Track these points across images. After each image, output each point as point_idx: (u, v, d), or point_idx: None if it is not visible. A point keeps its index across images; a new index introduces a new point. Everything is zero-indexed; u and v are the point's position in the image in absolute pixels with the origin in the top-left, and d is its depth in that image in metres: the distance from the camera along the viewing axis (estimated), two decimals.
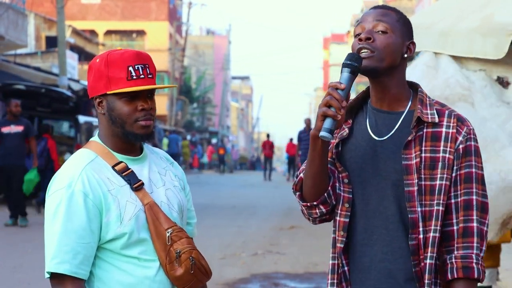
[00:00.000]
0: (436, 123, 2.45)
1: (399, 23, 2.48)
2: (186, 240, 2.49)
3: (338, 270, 2.53)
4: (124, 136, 2.50)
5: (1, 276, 8.32)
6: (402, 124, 2.47)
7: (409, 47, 2.51)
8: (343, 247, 2.51)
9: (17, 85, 16.23)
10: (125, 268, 2.44)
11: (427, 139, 2.44)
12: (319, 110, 2.33)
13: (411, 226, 2.41)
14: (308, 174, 2.47)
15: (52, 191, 2.43)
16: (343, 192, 2.50)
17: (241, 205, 17.83)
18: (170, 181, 2.60)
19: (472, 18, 4.35)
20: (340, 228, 2.51)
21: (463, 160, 2.44)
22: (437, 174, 2.42)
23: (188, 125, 50.97)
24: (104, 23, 46.88)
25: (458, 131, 2.45)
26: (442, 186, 2.42)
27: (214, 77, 65.25)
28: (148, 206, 2.46)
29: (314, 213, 2.54)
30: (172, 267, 2.45)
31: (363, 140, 2.50)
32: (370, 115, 2.53)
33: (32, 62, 24.71)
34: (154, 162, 2.60)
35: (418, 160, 2.42)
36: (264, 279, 8.45)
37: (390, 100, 2.49)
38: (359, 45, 2.44)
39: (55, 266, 2.35)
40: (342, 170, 2.50)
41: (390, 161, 2.44)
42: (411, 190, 2.41)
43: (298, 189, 2.53)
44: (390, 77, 2.47)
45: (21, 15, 20.26)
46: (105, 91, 2.47)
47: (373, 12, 2.50)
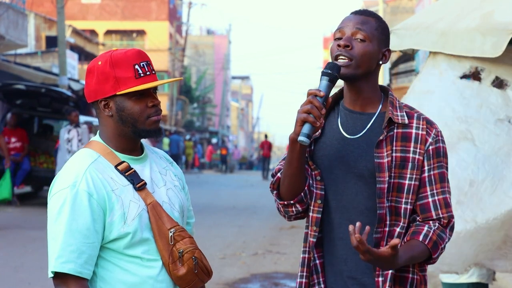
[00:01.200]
0: (406, 125, 2.59)
1: (377, 31, 2.60)
2: (188, 239, 2.50)
3: (309, 264, 2.64)
4: (135, 135, 2.49)
5: (2, 275, 8.32)
6: (373, 124, 2.60)
7: (384, 54, 2.63)
8: (315, 241, 2.62)
9: (17, 85, 16.20)
10: (128, 268, 2.44)
11: (397, 139, 2.57)
12: (299, 116, 2.45)
13: (378, 220, 2.54)
14: (285, 175, 2.58)
15: (56, 191, 2.42)
16: (316, 189, 2.62)
17: (241, 205, 17.83)
18: (171, 181, 2.61)
19: (471, 17, 4.35)
20: (312, 224, 2.63)
21: (435, 161, 2.58)
22: (406, 173, 2.56)
23: (188, 125, 50.96)
24: (104, 23, 46.87)
25: (428, 133, 2.59)
26: (411, 186, 2.56)
27: (214, 77, 65.22)
28: (151, 205, 2.46)
29: (291, 211, 2.65)
30: (175, 267, 2.46)
31: (335, 139, 2.63)
32: (341, 115, 2.65)
33: (32, 62, 24.70)
34: (155, 161, 2.60)
35: (390, 159, 2.54)
36: (264, 279, 8.46)
37: (363, 102, 2.63)
38: (337, 51, 2.57)
39: (60, 265, 2.35)
40: (314, 168, 2.62)
41: (362, 159, 2.57)
42: (382, 187, 2.54)
43: (276, 188, 2.65)
44: (365, 82, 2.60)
45: (21, 15, 20.26)
46: (114, 92, 2.45)
47: (353, 19, 2.61)
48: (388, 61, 2.66)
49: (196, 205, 16.73)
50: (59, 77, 20.15)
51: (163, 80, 2.49)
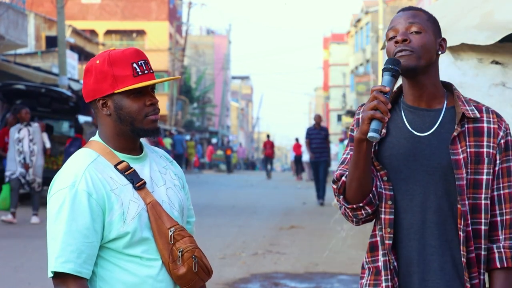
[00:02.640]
0: (476, 119, 2.55)
1: (429, 22, 2.58)
2: (188, 239, 2.49)
3: (390, 266, 2.57)
4: (133, 134, 2.49)
5: (2, 275, 8.32)
6: (443, 120, 2.56)
7: (441, 44, 2.61)
8: (391, 243, 2.56)
9: (17, 85, 16.21)
10: (127, 268, 2.44)
11: (469, 134, 2.54)
12: (365, 114, 2.40)
13: (463, 218, 2.49)
14: (352, 177, 2.52)
15: (55, 191, 2.42)
16: (384, 190, 2.56)
17: (241, 205, 17.82)
18: (171, 180, 2.60)
19: (471, 16, 4.36)
20: (386, 226, 2.56)
21: (504, 155, 2.56)
22: (483, 168, 2.53)
23: (188, 125, 50.96)
24: (104, 23, 46.86)
25: (499, 126, 2.56)
26: (489, 181, 2.53)
27: (214, 77, 65.23)
28: (150, 205, 2.46)
29: (360, 214, 2.58)
30: (175, 266, 2.45)
31: (403, 138, 2.57)
32: (406, 113, 2.60)
33: (32, 62, 24.69)
34: (155, 161, 2.60)
35: (465, 155, 2.51)
36: (264, 279, 8.45)
37: (428, 97, 2.58)
38: (396, 48, 2.53)
39: (60, 265, 2.35)
40: (381, 169, 2.57)
41: (435, 156, 2.52)
42: (461, 184, 2.50)
43: (342, 193, 2.58)
44: (427, 75, 2.56)
45: (21, 15, 20.26)
46: (112, 90, 2.45)
47: (403, 15, 2.59)
48: (445, 50, 2.63)
49: (196, 205, 16.70)
50: (59, 77, 20.15)
51: (162, 79, 2.50)
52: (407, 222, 2.55)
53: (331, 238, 11.26)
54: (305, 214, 15.69)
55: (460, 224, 2.50)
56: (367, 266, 2.65)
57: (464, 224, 2.50)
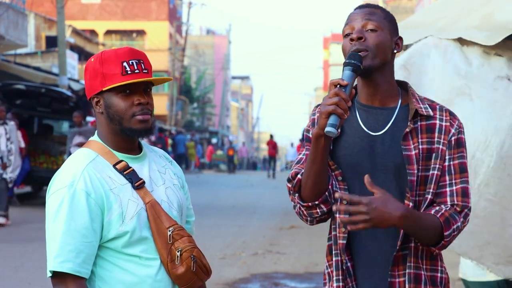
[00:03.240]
0: (429, 116, 2.54)
1: (386, 20, 2.56)
2: (187, 238, 2.50)
3: (342, 266, 2.55)
4: (122, 133, 2.49)
5: (2, 275, 8.32)
6: (396, 118, 2.55)
7: (397, 42, 2.60)
8: (345, 243, 2.54)
9: (17, 85, 16.21)
10: (126, 267, 2.44)
11: (422, 131, 2.53)
12: (325, 108, 2.37)
13: None
14: (309, 174, 2.49)
15: (54, 190, 2.43)
16: (339, 190, 2.55)
17: (241, 205, 17.83)
18: (170, 180, 2.61)
19: (471, 18, 4.36)
20: (340, 225, 2.55)
21: (455, 151, 2.54)
22: (430, 164, 2.51)
23: (188, 125, 50.94)
24: (104, 23, 46.85)
25: (451, 124, 2.55)
26: (434, 176, 2.52)
27: (214, 77, 65.22)
28: (149, 204, 2.46)
29: (315, 213, 2.56)
30: (173, 266, 2.46)
31: (358, 137, 2.56)
32: (360, 112, 2.59)
33: (32, 62, 24.69)
34: (154, 160, 2.60)
35: (417, 151, 2.50)
36: (264, 279, 8.45)
37: (382, 96, 2.57)
38: (352, 46, 2.51)
39: (59, 265, 2.35)
40: (335, 168, 2.56)
41: (389, 154, 2.51)
42: (412, 179, 2.49)
43: (297, 190, 2.56)
44: (381, 74, 2.55)
45: (21, 15, 20.26)
46: (101, 88, 2.47)
47: (360, 12, 2.57)
48: (401, 49, 2.61)
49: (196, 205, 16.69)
50: (59, 77, 20.14)
51: (148, 78, 2.48)
52: None
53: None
54: None
55: None
56: (327, 271, 2.63)
57: None
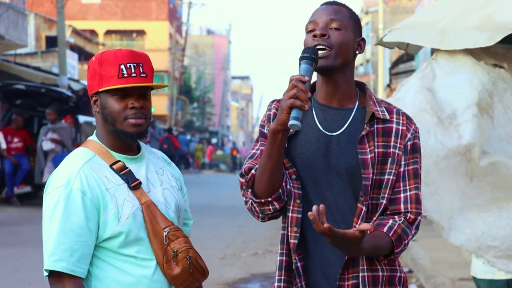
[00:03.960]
0: (386, 120, 2.52)
1: (351, 20, 2.54)
2: (183, 239, 2.50)
3: (288, 267, 2.53)
4: (116, 134, 2.50)
5: (2, 275, 8.32)
6: (353, 120, 2.52)
7: (359, 43, 2.57)
8: (296, 243, 2.52)
9: (17, 85, 16.21)
10: (123, 268, 2.44)
11: (378, 134, 2.50)
12: (284, 103, 2.34)
13: (361, 218, 2.46)
14: (264, 170, 2.45)
15: (50, 189, 2.43)
16: (293, 188, 2.52)
17: (241, 205, 17.75)
18: (168, 181, 2.61)
19: (471, 18, 4.36)
20: (292, 224, 2.53)
21: (411, 157, 2.53)
22: (386, 169, 2.49)
23: (188, 125, 50.95)
24: (104, 23, 46.86)
25: (408, 128, 2.53)
26: (389, 181, 2.50)
27: (214, 77, 65.22)
28: (145, 205, 2.46)
29: (267, 210, 2.53)
30: (169, 266, 2.46)
31: (313, 136, 2.53)
32: (317, 111, 2.56)
33: (32, 62, 24.67)
34: (152, 161, 2.60)
35: (373, 155, 2.47)
36: (264, 279, 8.45)
37: (340, 96, 2.54)
38: (314, 42, 2.48)
39: (53, 264, 2.36)
40: (290, 166, 2.52)
41: (344, 156, 2.49)
42: (367, 184, 2.46)
43: (250, 186, 2.51)
44: (342, 74, 2.52)
45: (21, 15, 20.25)
46: (97, 88, 2.49)
47: (325, 9, 2.54)
48: (363, 51, 2.59)
49: (196, 205, 16.76)
50: (59, 77, 20.13)
51: (144, 83, 2.47)
52: None
53: None
54: None
55: (356, 223, 2.46)
56: (278, 259, 2.61)
57: (360, 223, 2.45)
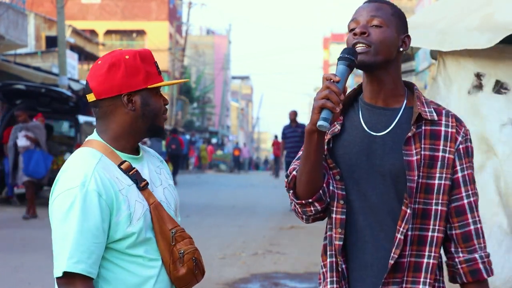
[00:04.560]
0: (434, 121, 2.45)
1: (393, 17, 2.47)
2: (188, 240, 2.50)
3: (337, 268, 2.48)
4: (149, 131, 2.52)
5: (2, 275, 8.32)
6: (400, 120, 2.46)
7: (404, 40, 2.50)
8: (341, 244, 2.47)
9: (17, 85, 16.20)
10: (130, 268, 2.43)
11: (426, 136, 2.43)
12: (316, 103, 2.30)
13: (405, 221, 2.40)
14: (302, 171, 2.42)
15: (63, 190, 2.37)
16: (337, 189, 2.47)
17: (241, 205, 17.82)
18: (166, 180, 2.61)
19: (471, 18, 4.36)
20: (337, 226, 2.47)
21: (467, 161, 2.46)
22: (435, 173, 2.42)
23: (188, 125, 50.96)
24: (104, 23, 46.86)
25: (457, 131, 2.46)
26: (442, 186, 2.43)
27: (214, 77, 65.22)
28: (153, 205, 2.45)
29: (309, 211, 2.48)
30: (175, 267, 2.45)
31: (358, 137, 2.48)
32: (363, 111, 2.51)
33: (32, 62, 24.68)
34: (150, 161, 2.60)
35: (418, 157, 2.41)
36: (264, 279, 8.45)
37: (386, 95, 2.48)
38: (354, 40, 2.43)
39: (73, 265, 2.31)
40: (334, 167, 2.47)
41: (388, 157, 2.43)
42: (411, 186, 2.40)
43: (292, 187, 2.49)
44: (386, 72, 2.46)
45: (21, 15, 20.25)
46: (145, 85, 2.45)
47: (367, 7, 2.49)
48: (408, 48, 2.52)
49: (196, 205, 16.77)
50: (59, 77, 20.14)
51: (179, 80, 2.58)
52: (360, 224, 2.46)
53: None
54: None
55: (400, 226, 2.40)
56: (321, 271, 2.55)
57: (404, 227, 2.39)
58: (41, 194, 17.89)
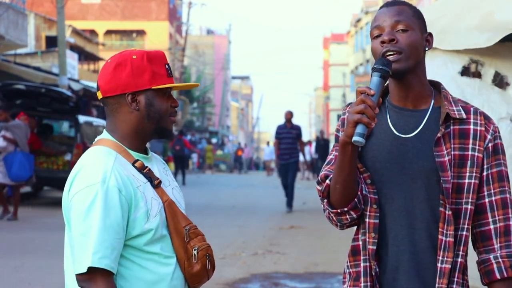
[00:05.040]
0: (463, 120, 2.43)
1: (415, 18, 2.45)
2: (202, 237, 2.54)
3: (371, 272, 2.46)
4: (154, 132, 2.52)
5: (2, 275, 8.32)
6: (428, 121, 2.44)
7: (427, 39, 2.49)
8: (375, 248, 2.45)
9: (17, 85, 16.21)
10: (146, 266, 2.45)
11: (455, 136, 2.42)
12: (351, 117, 2.27)
13: (447, 223, 2.38)
14: (337, 181, 2.40)
15: (83, 186, 2.37)
16: (369, 193, 2.45)
17: (241, 205, 17.83)
18: (172, 181, 2.65)
19: (471, 17, 4.35)
20: (370, 230, 2.45)
21: (493, 159, 2.44)
22: (465, 172, 2.41)
23: (188, 125, 50.96)
24: (104, 23, 46.87)
25: (486, 129, 2.44)
26: (471, 185, 2.41)
27: (214, 77, 65.23)
28: (167, 203, 2.49)
29: (344, 219, 2.46)
30: (189, 264, 2.49)
31: (387, 139, 2.46)
32: (391, 113, 2.49)
33: (32, 62, 24.69)
34: (156, 162, 2.63)
35: (450, 157, 2.39)
36: (264, 279, 8.45)
37: (414, 97, 2.46)
38: (383, 48, 2.40)
39: (98, 261, 2.31)
40: (364, 171, 2.45)
41: (418, 159, 2.41)
42: (447, 187, 2.38)
43: (326, 196, 2.47)
44: (414, 75, 2.44)
45: (21, 15, 20.26)
46: (150, 85, 2.46)
47: (388, 12, 2.45)
48: (432, 46, 2.50)
49: (196, 205, 16.77)
50: (59, 77, 20.15)
51: (191, 83, 2.59)
52: (388, 227, 2.45)
53: (331, 238, 11.26)
54: (305, 214, 15.69)
55: (442, 229, 2.39)
56: (348, 271, 2.54)
57: (448, 229, 2.38)
58: (41, 194, 17.90)
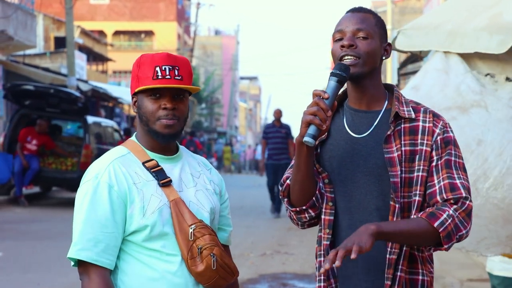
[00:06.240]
0: (412, 119, 2.55)
1: (377, 27, 2.59)
2: (209, 236, 2.55)
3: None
4: (149, 134, 2.60)
5: (11, 276, 8.35)
6: (380, 121, 2.58)
7: (386, 49, 2.63)
8: (329, 244, 2.59)
9: (26, 86, 16.26)
10: (147, 262, 2.52)
11: (405, 133, 2.54)
12: (304, 117, 2.42)
13: (395, 215, 2.48)
14: (295, 180, 2.55)
15: (82, 183, 2.55)
16: (326, 192, 2.59)
17: (249, 205, 17.84)
18: (203, 184, 2.68)
19: (480, 18, 4.34)
20: (325, 226, 2.60)
21: (443, 150, 2.53)
22: (415, 166, 2.51)
23: (196, 125, 51.01)
24: (113, 24, 46.95)
25: (435, 124, 2.55)
26: (419, 178, 2.51)
27: (222, 78, 65.26)
28: (173, 202, 2.54)
29: (304, 217, 2.64)
30: (193, 263, 2.52)
31: (342, 140, 2.59)
32: (347, 115, 2.63)
33: (41, 62, 24.77)
34: (189, 164, 2.68)
35: (399, 153, 2.51)
36: (272, 279, 8.45)
37: (368, 100, 2.60)
38: (342, 52, 2.54)
39: (76, 252, 2.45)
40: (322, 171, 2.60)
41: (371, 157, 2.54)
42: (395, 181, 2.49)
43: (286, 195, 2.62)
44: (370, 79, 2.58)
45: (30, 16, 20.32)
46: (135, 89, 2.59)
47: (352, 18, 2.59)
48: (389, 55, 2.65)
49: None
50: (68, 78, 20.20)
51: (177, 85, 2.54)
52: (345, 223, 2.57)
53: None
54: None
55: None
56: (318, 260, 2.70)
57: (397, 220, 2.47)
58: (49, 195, 17.95)
